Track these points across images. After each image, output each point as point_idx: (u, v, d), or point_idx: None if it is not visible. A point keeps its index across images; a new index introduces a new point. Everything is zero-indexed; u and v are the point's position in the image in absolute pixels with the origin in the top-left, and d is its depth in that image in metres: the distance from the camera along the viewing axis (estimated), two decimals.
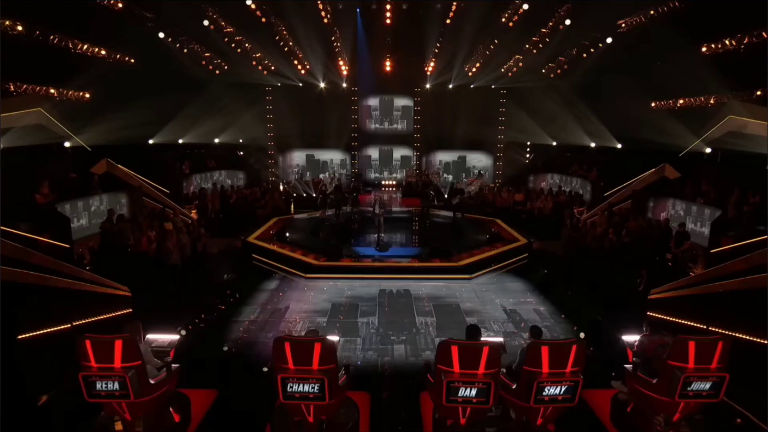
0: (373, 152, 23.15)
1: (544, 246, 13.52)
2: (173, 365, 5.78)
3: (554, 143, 19.45)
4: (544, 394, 5.13)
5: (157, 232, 11.12)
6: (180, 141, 18.20)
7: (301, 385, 5.11)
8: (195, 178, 17.56)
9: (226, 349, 7.53)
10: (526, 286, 10.86)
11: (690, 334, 5.79)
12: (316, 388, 5.11)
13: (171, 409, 5.90)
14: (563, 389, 5.12)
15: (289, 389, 5.12)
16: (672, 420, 5.53)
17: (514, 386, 5.47)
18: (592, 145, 17.88)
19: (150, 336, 6.19)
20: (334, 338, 5.48)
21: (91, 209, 11.94)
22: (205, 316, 9.24)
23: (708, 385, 5.15)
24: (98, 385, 5.01)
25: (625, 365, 6.01)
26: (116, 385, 5.01)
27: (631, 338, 6.16)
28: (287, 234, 14.06)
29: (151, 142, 16.94)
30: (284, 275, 11.49)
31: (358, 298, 9.99)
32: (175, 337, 6.21)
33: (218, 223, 15.19)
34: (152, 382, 5.36)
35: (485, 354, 5.05)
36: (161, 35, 15.13)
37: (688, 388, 5.19)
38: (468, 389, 5.06)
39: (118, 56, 14.88)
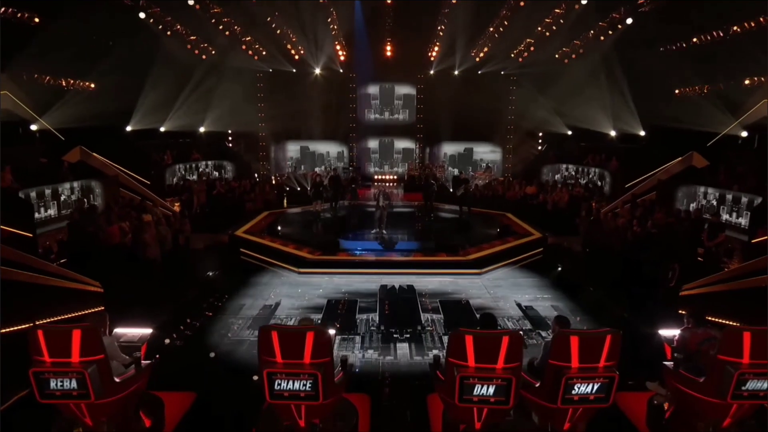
0: (373, 144, 22.87)
1: (559, 241, 13.23)
2: (144, 362, 5.29)
3: (569, 132, 19.12)
4: (573, 392, 4.65)
5: (133, 223, 10.69)
6: (162, 129, 17.83)
7: (290, 382, 4.63)
8: (178, 169, 17.28)
9: (213, 355, 7.02)
10: (542, 282, 10.56)
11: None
12: (308, 385, 4.63)
13: (141, 413, 5.42)
14: (596, 387, 4.64)
15: (276, 387, 4.64)
16: (721, 425, 5.04)
17: (537, 384, 4.99)
18: (612, 133, 17.52)
19: (119, 330, 5.74)
20: (330, 331, 5.02)
21: (60, 198, 11.50)
22: (185, 311, 8.86)
23: (766, 384, 4.66)
24: (52, 384, 4.52)
25: (664, 362, 5.53)
26: (74, 383, 4.52)
27: (669, 333, 5.71)
28: (279, 228, 13.71)
29: (129, 128, 16.51)
30: (275, 271, 11.18)
31: (357, 294, 9.68)
32: (147, 331, 5.75)
33: (204, 218, 14.91)
34: (117, 380, 4.88)
35: (505, 345, 4.58)
36: (142, 15, 14.73)
37: (743, 388, 4.70)
38: (485, 387, 4.59)
39: (93, 38, 14.50)
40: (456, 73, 21.12)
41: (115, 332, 5.63)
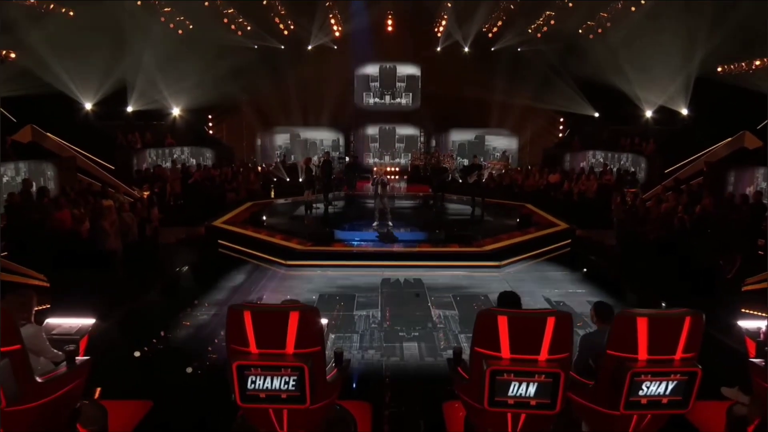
0: (372, 132, 22.48)
1: (588, 234, 12.86)
2: (79, 358, 4.48)
3: (596, 114, 18.69)
4: (640, 393, 3.85)
5: (90, 209, 10.06)
6: (129, 109, 17.30)
7: (268, 379, 3.84)
8: (149, 154, 16.83)
9: (190, 370, 6.20)
10: (572, 276, 10.18)
11: None
12: (291, 383, 3.83)
13: (78, 426, 4.63)
14: (671, 386, 3.84)
15: (250, 385, 3.84)
16: None
17: (591, 384, 4.20)
18: (648, 114, 17.09)
19: (52, 320, 4.98)
20: (322, 320, 4.22)
21: (2, 180, 10.83)
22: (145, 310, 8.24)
23: None
24: None
25: (751, 360, 4.75)
26: None
27: (752, 325, 4.93)
28: (264, 218, 13.38)
29: (89, 107, 15.83)
30: (259, 263, 10.77)
31: (355, 288, 9.24)
32: (89, 321, 4.97)
33: (178, 209, 14.45)
34: (40, 380, 4.07)
35: (550, 328, 3.81)
36: None
37: None
38: (524, 385, 3.80)
39: (52, 6, 13.89)
40: (466, 50, 20.68)
41: (46, 323, 4.88)
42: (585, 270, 10.50)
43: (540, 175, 17.12)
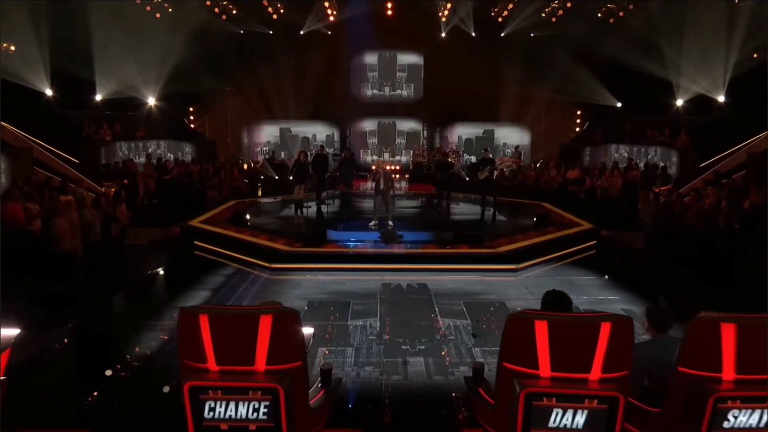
0: (370, 126, 22.26)
1: (613, 235, 12.52)
2: None
3: (619, 104, 18.44)
4: (726, 425, 3.13)
5: (46, 205, 9.47)
6: (98, 97, 16.90)
7: (231, 405, 3.13)
8: (119, 148, 16.44)
9: (167, 390, 5.47)
10: (602, 281, 9.70)
11: None
12: (261, 410, 3.12)
13: None
14: (766, 416, 3.11)
15: (208, 413, 3.12)
16: None
17: (655, 411, 3.50)
18: (679, 102, 16.74)
19: None
20: (306, 330, 3.51)
21: None
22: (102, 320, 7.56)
23: None
24: None
25: None
26: None
27: None
28: (248, 217, 13.03)
29: (49, 92, 15.41)
30: (240, 267, 10.32)
31: (350, 295, 8.71)
32: (12, 332, 4.24)
33: (152, 209, 14.03)
34: None
35: (605, 337, 3.11)
36: None
37: None
38: (570, 413, 3.09)
39: None
40: (473, 35, 20.36)
41: None
42: (613, 274, 9.99)
43: (557, 172, 16.85)
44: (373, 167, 13.56)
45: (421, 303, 8.33)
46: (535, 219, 12.77)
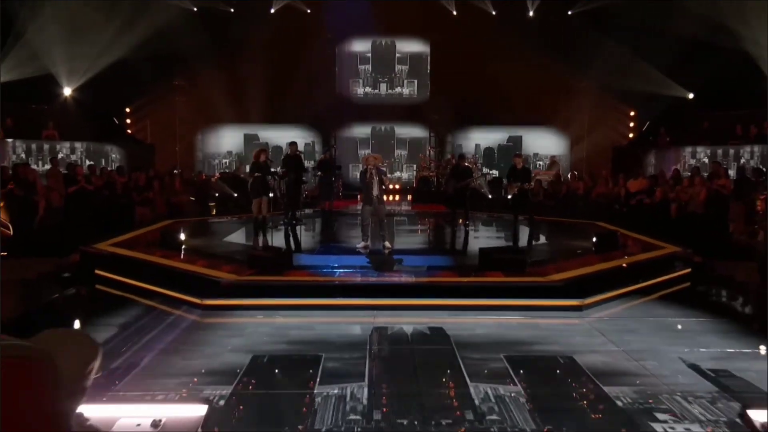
0: (362, 133, 21.98)
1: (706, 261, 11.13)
2: None
3: (690, 95, 17.80)
4: None
5: None
6: None
7: None
8: (12, 149, 15.67)
9: None
10: (716, 326, 7.88)
11: None
12: None
13: None
14: None
15: None
16: None
17: None
18: None
19: None
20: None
21: None
22: None
23: None
24: None
25: None
26: None
27: None
28: (182, 238, 11.57)
29: None
30: (156, 305, 8.70)
31: (321, 345, 6.96)
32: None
33: (54, 231, 12.61)
34: None
35: None
36: None
37: None
38: None
39: None
40: (494, 13, 19.72)
41: None
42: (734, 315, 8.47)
43: (613, 182, 16.25)
44: (364, 161, 12.06)
45: (436, 358, 6.60)
46: (594, 240, 11.41)
